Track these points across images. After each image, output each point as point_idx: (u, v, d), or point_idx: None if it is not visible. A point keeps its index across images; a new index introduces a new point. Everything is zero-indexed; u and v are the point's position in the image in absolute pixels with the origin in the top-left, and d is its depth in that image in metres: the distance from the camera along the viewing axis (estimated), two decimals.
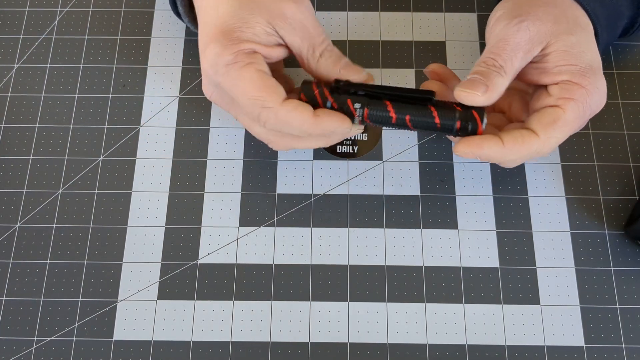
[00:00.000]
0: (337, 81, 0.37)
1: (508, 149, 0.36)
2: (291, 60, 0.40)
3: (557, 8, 0.37)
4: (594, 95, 0.36)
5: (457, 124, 0.36)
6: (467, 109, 0.36)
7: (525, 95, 0.41)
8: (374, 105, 0.36)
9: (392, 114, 0.36)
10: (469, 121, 0.36)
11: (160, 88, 0.46)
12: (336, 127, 0.36)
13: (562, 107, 0.36)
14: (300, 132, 0.36)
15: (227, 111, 0.39)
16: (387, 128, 0.44)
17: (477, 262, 0.41)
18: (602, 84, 0.36)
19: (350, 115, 0.37)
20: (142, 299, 0.41)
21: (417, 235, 0.42)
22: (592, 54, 0.37)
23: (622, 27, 0.42)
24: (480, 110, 0.36)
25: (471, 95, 0.36)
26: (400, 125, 0.37)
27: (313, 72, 0.38)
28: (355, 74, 0.37)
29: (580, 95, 0.35)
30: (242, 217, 0.43)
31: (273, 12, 0.35)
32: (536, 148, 0.36)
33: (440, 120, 0.36)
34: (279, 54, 0.37)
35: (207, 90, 0.39)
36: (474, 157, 0.36)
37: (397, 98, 0.37)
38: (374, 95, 0.37)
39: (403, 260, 0.42)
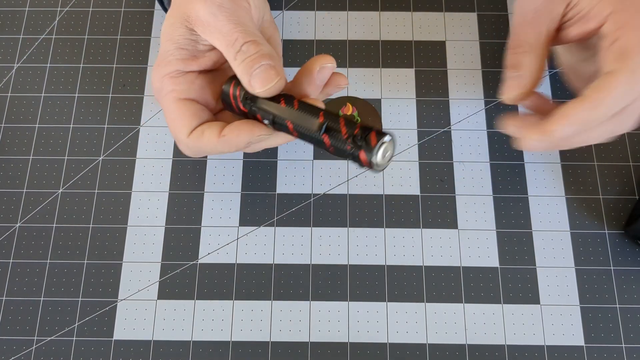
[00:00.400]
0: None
1: (593, 102, 0.31)
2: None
3: None
4: None
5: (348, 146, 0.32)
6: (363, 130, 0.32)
7: None
8: (279, 122, 0.34)
9: (294, 134, 0.34)
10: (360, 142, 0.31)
11: None
12: (247, 139, 0.34)
13: (622, 37, 0.32)
14: (216, 153, 0.36)
15: None
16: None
17: (477, 262, 0.41)
18: None
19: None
20: (142, 298, 0.41)
21: (417, 235, 0.42)
22: None
23: None
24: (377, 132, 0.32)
25: (520, 100, 0.34)
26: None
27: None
28: (260, 87, 0.33)
29: (633, 18, 0.32)
30: (242, 217, 0.43)
31: (190, 16, 0.34)
32: (624, 87, 0.31)
33: (332, 143, 0.33)
34: (213, 58, 0.36)
35: None
36: (563, 135, 0.32)
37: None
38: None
39: (403, 260, 0.42)
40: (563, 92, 0.46)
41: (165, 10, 0.45)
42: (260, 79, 0.33)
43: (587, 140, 0.34)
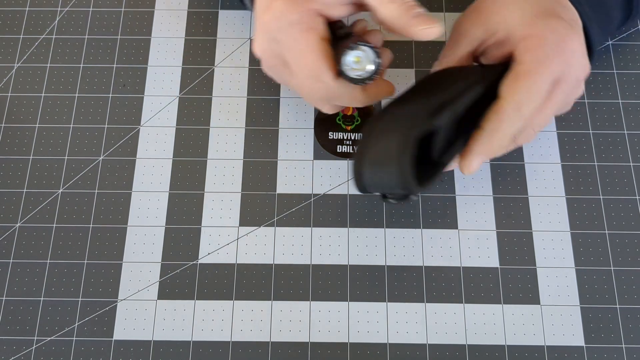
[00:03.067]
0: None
1: (487, 132, 0.35)
2: None
3: None
4: (545, 36, 0.35)
5: None
6: None
7: None
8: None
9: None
10: None
11: (160, 88, 0.46)
12: (383, 96, 0.38)
13: (517, 59, 0.35)
14: (349, 104, 0.38)
15: (272, 72, 0.39)
16: None
17: (477, 262, 0.41)
18: (554, 22, 0.35)
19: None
20: (142, 298, 0.41)
21: (417, 235, 0.42)
22: (544, 3, 0.36)
23: (618, 2, 0.41)
24: None
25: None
26: None
27: (381, 21, 0.36)
28: (426, 24, 0.34)
29: (532, 42, 0.35)
30: (242, 217, 0.43)
31: None
32: (510, 114, 0.34)
33: None
34: (344, 11, 0.37)
35: (261, 46, 0.37)
36: (480, 162, 0.37)
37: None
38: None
39: (403, 260, 0.42)
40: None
41: (247, 8, 0.45)
42: (423, 20, 0.34)
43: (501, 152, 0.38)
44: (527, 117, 0.35)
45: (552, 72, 0.35)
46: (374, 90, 0.37)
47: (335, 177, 0.44)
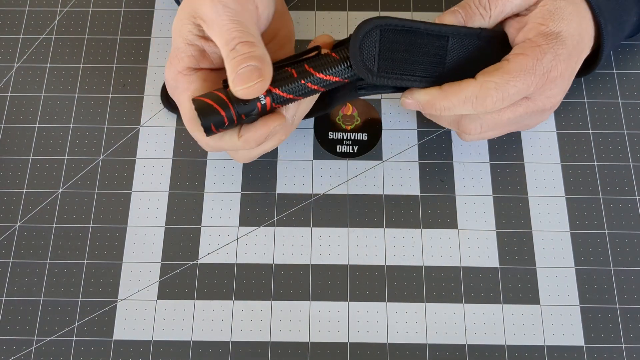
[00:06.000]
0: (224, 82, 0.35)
1: (444, 92, 0.36)
2: None
3: None
4: (546, 55, 0.36)
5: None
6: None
7: None
8: (282, 82, 0.35)
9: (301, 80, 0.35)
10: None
11: (160, 88, 0.46)
12: (265, 132, 0.35)
13: (509, 58, 0.36)
14: (236, 151, 0.38)
15: None
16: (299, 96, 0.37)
17: (477, 262, 0.41)
18: (562, 52, 0.36)
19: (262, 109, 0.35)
20: (142, 298, 0.41)
21: (417, 235, 0.42)
22: (568, 25, 0.37)
23: (631, 23, 0.42)
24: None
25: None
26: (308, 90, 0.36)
27: None
28: (240, 85, 0.33)
29: (532, 51, 0.36)
30: (242, 217, 0.43)
31: (197, 12, 0.35)
32: (472, 91, 0.35)
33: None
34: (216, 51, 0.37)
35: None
36: (416, 104, 0.38)
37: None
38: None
39: (403, 260, 0.42)
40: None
41: (178, 4, 0.45)
42: (242, 78, 0.33)
43: (440, 121, 0.40)
44: (481, 111, 0.36)
45: (526, 89, 0.36)
46: (251, 135, 0.36)
47: (335, 177, 0.44)
